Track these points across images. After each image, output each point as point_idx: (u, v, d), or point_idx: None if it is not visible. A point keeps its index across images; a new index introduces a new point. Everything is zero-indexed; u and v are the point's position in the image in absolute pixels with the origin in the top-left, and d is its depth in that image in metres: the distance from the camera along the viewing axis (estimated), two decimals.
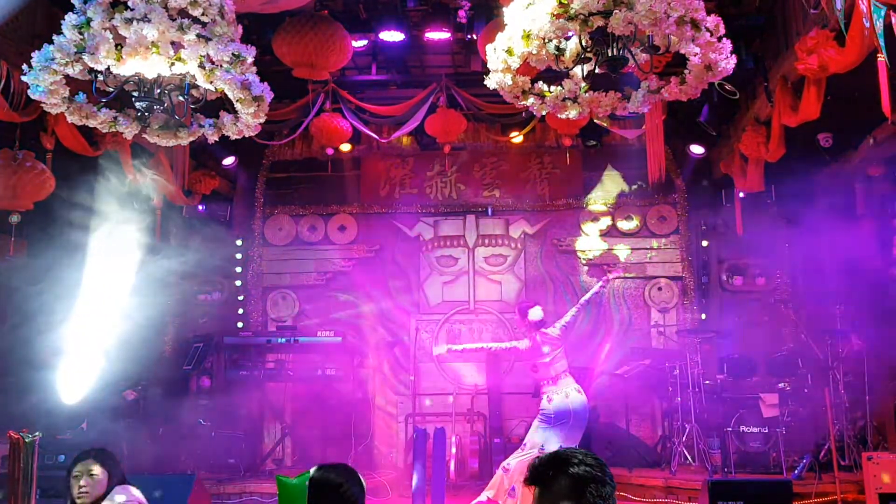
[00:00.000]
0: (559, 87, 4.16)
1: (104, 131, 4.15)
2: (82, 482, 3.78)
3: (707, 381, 8.07)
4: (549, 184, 10.22)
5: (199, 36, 3.59)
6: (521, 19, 3.71)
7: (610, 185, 10.15)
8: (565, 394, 6.33)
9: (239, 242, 10.18)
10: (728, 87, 7.14)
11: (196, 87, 3.83)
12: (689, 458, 7.76)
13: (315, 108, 8.25)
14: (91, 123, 4.03)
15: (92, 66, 3.56)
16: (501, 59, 3.90)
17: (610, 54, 3.74)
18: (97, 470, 3.83)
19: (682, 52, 3.76)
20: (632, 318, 9.85)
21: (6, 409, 6.91)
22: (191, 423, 8.56)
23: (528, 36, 3.68)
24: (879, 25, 3.89)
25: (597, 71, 3.95)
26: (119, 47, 3.50)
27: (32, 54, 3.64)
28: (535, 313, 6.59)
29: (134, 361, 8.16)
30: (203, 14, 3.66)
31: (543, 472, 2.06)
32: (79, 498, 3.78)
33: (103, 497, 3.81)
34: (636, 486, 7.53)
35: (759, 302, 9.59)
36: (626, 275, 9.90)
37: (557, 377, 6.42)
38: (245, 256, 10.17)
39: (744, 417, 7.60)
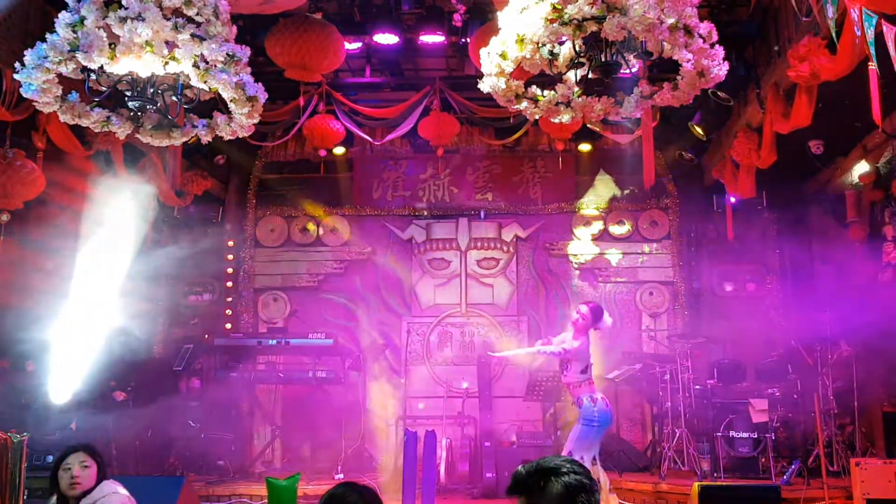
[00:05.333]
0: (552, 92, 4.17)
1: (97, 131, 4.14)
2: (75, 473, 3.81)
3: (697, 386, 8.09)
4: (541, 188, 10.24)
5: (193, 36, 3.59)
6: (515, 24, 3.73)
7: (602, 190, 10.18)
8: (601, 396, 6.11)
9: (230, 243, 10.14)
10: (722, 94, 7.19)
11: (189, 87, 3.83)
12: (678, 462, 7.78)
13: (308, 109, 8.24)
14: (84, 123, 4.02)
15: (85, 64, 3.55)
16: (495, 63, 3.91)
17: (603, 59, 3.76)
18: (89, 462, 3.88)
19: (675, 58, 3.78)
20: (623, 323, 9.87)
21: None
22: (180, 425, 8.51)
23: (521, 40, 3.70)
24: (870, 34, 3.92)
25: (590, 76, 3.97)
26: (113, 46, 3.49)
27: (25, 52, 3.63)
28: (609, 320, 6.32)
29: (123, 362, 8.13)
30: (198, 14, 3.66)
31: (533, 482, 2.01)
32: (71, 488, 3.80)
33: (92, 489, 3.83)
34: (626, 490, 7.53)
35: (750, 307, 9.62)
36: (618, 279, 9.97)
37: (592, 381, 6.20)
38: (236, 257, 10.14)
39: (733, 422, 7.62)
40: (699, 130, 8.29)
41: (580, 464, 2.06)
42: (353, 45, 7.53)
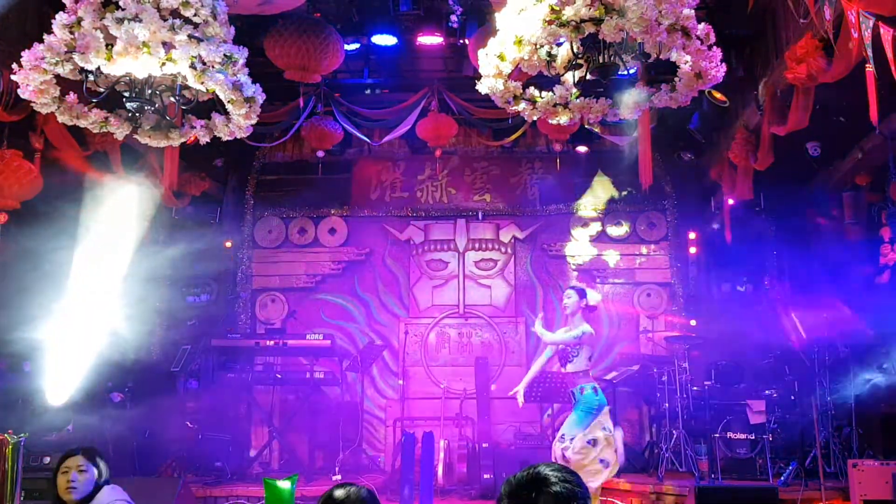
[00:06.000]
0: (550, 93, 4.17)
1: (95, 132, 4.14)
2: (71, 477, 3.74)
3: (695, 388, 8.10)
4: (539, 189, 10.25)
5: (190, 37, 3.58)
6: (513, 25, 3.73)
7: (600, 191, 10.18)
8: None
9: (228, 244, 10.13)
10: (719, 96, 7.20)
11: (188, 87, 3.83)
12: (676, 463, 7.78)
13: (306, 110, 8.24)
14: (82, 124, 4.01)
15: (82, 65, 3.54)
16: (493, 65, 3.91)
17: (601, 61, 3.77)
18: (87, 467, 3.80)
19: (673, 59, 3.78)
20: (620, 324, 9.88)
21: None
22: (178, 426, 8.51)
23: (520, 41, 3.69)
24: (868, 36, 3.93)
25: (588, 77, 3.97)
26: (110, 47, 3.49)
27: (23, 53, 3.62)
28: (594, 296, 6.15)
29: (121, 363, 8.11)
30: (195, 15, 3.65)
31: (524, 493, 1.96)
32: (67, 493, 3.73)
33: (92, 495, 3.78)
34: (623, 491, 7.53)
35: (747, 309, 9.63)
36: (616, 280, 9.98)
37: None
38: (234, 258, 10.13)
39: (731, 424, 7.62)
40: (698, 134, 8.31)
41: (571, 471, 2.00)
42: (351, 47, 7.53)
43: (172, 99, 3.90)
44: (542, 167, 10.27)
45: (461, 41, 7.42)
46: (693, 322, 9.67)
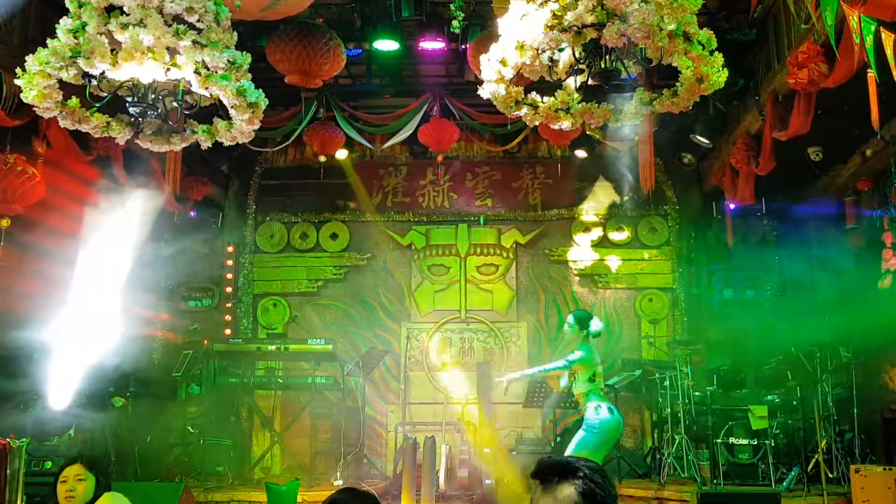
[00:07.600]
0: (552, 98, 4.18)
1: (97, 136, 4.14)
2: (70, 486, 3.77)
3: (697, 393, 8.08)
4: (541, 194, 10.24)
5: (194, 42, 3.59)
6: (515, 30, 3.74)
7: (602, 196, 10.18)
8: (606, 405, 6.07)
9: (230, 249, 10.14)
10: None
11: (190, 92, 3.83)
12: (678, 469, 7.76)
13: (309, 115, 8.25)
14: (84, 128, 4.01)
15: (86, 70, 3.55)
16: (495, 69, 3.92)
17: (603, 66, 3.77)
18: (85, 475, 3.82)
19: (675, 64, 3.78)
20: (622, 329, 9.87)
21: None
22: (179, 431, 8.50)
23: (521, 46, 3.70)
24: (869, 41, 3.94)
25: (589, 82, 3.98)
26: (114, 52, 3.50)
27: (26, 58, 3.63)
28: (596, 325, 6.20)
29: (122, 367, 8.11)
30: (199, 20, 3.66)
31: (550, 475, 1.96)
32: (66, 502, 3.75)
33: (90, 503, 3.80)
34: (625, 497, 7.52)
35: (749, 314, 9.62)
36: (618, 285, 9.97)
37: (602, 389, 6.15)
38: (236, 263, 10.14)
39: (733, 429, 7.61)
40: (704, 140, 8.31)
41: (604, 474, 1.96)
42: (353, 52, 7.54)
43: (175, 104, 3.91)
44: (544, 172, 10.27)
45: (463, 46, 7.43)
46: (695, 327, 9.66)
